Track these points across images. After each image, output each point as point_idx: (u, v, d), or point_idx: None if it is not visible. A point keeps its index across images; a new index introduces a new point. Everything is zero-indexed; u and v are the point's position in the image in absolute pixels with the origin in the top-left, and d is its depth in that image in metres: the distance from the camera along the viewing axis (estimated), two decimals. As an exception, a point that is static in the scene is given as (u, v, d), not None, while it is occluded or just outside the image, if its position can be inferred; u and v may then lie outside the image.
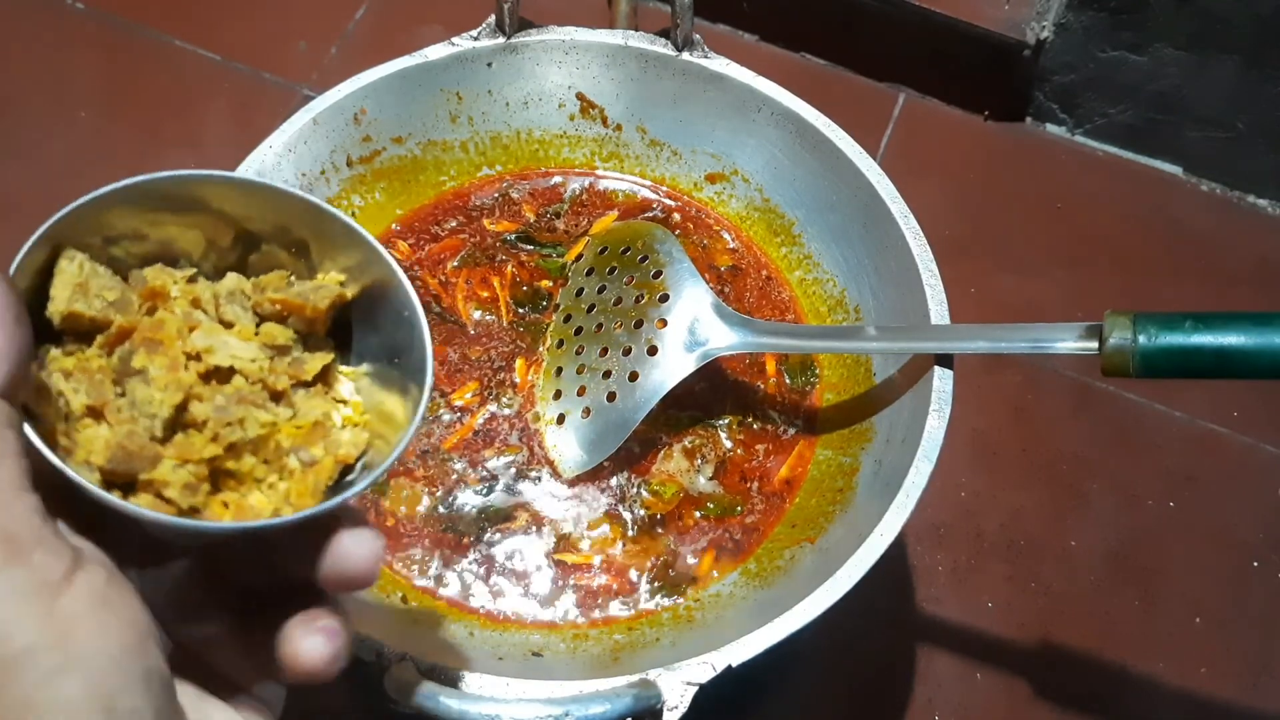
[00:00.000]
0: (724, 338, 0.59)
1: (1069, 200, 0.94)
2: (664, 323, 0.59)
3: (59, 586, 0.28)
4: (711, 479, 0.61)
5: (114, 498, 0.32)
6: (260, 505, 0.35)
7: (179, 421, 0.34)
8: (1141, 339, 0.50)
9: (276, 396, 0.37)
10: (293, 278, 0.39)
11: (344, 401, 0.39)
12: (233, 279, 0.38)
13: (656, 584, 0.58)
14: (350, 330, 0.40)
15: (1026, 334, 0.54)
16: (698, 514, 0.60)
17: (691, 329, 0.59)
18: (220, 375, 0.36)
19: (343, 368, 0.40)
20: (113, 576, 0.30)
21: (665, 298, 0.60)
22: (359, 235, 0.38)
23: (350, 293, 0.39)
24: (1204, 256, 0.91)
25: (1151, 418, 0.83)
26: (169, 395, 0.34)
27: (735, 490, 0.61)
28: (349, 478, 0.37)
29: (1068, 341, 0.52)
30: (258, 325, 0.38)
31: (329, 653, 0.34)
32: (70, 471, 0.31)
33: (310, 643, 0.34)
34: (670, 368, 0.58)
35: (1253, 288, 0.90)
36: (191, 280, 0.37)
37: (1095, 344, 0.51)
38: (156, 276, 0.36)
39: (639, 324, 0.60)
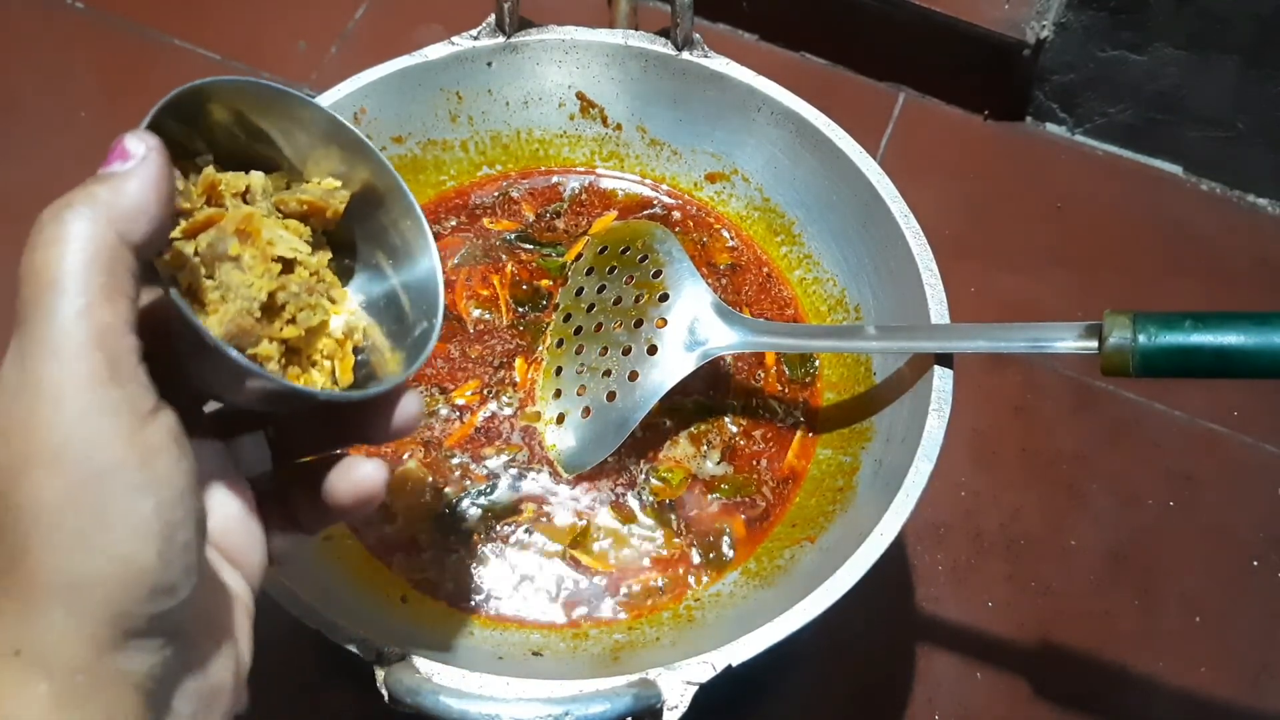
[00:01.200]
0: (724, 337, 0.59)
1: (1069, 200, 0.94)
2: (664, 322, 0.60)
3: (146, 418, 0.31)
4: (719, 463, 0.61)
5: (247, 359, 0.35)
6: (317, 381, 0.40)
7: (265, 306, 0.38)
8: (1141, 338, 0.50)
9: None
10: (289, 180, 0.42)
11: None
12: (260, 177, 0.40)
13: (710, 556, 0.58)
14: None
15: (1026, 333, 0.54)
16: (711, 496, 0.60)
17: (691, 328, 0.59)
18: (283, 266, 0.39)
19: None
20: (180, 424, 0.32)
21: (665, 297, 0.60)
22: (359, 142, 0.41)
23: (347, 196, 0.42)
24: (1204, 256, 0.91)
25: (1151, 417, 0.83)
26: (265, 282, 0.38)
27: (745, 471, 0.61)
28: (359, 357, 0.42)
29: (1067, 341, 0.52)
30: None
31: (383, 476, 0.40)
32: (208, 330, 0.34)
33: (370, 466, 0.40)
34: (670, 367, 0.58)
35: (1253, 287, 0.90)
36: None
37: (1095, 343, 0.51)
38: (210, 171, 0.39)
39: (639, 323, 0.60)
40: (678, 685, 0.47)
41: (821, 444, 0.62)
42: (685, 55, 0.67)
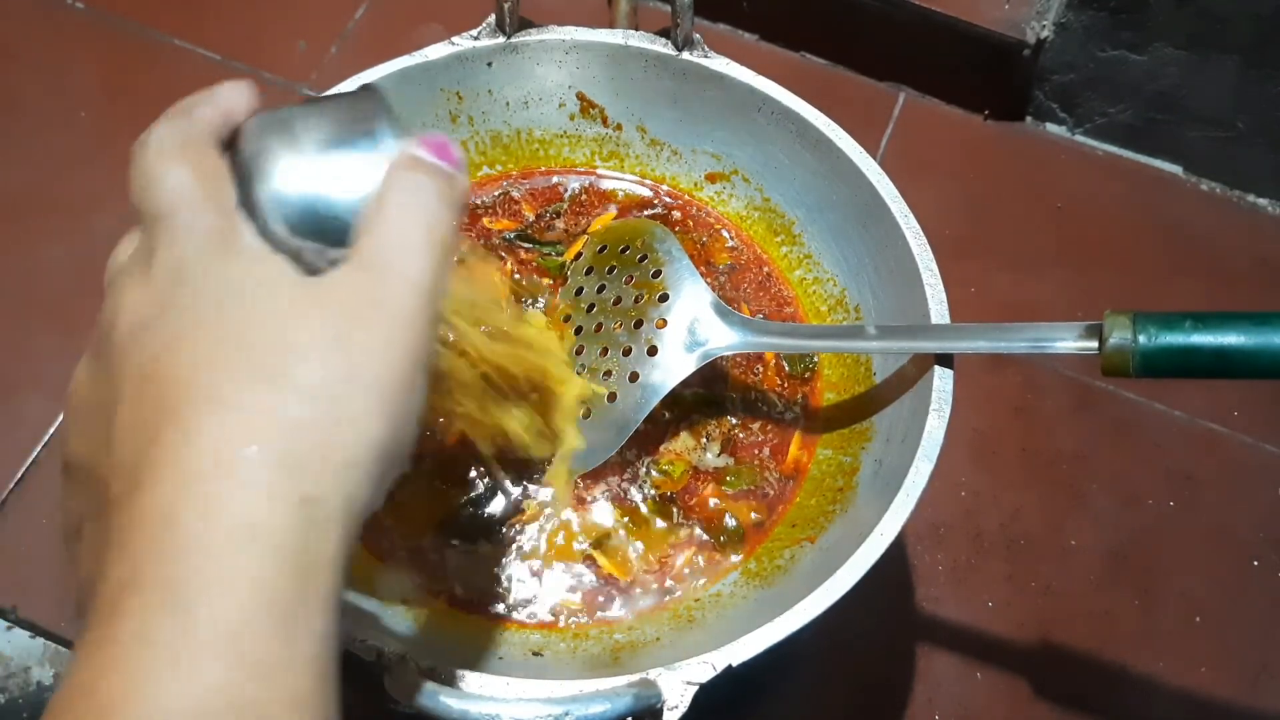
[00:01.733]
0: (724, 337, 0.59)
1: (1069, 200, 0.94)
2: (664, 322, 0.60)
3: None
4: (720, 455, 0.61)
5: None
6: None
7: None
8: (1141, 339, 0.50)
9: None
10: None
11: None
12: None
13: (721, 540, 0.59)
14: None
15: (1026, 334, 0.54)
16: (724, 489, 0.60)
17: (691, 328, 0.59)
18: None
19: None
20: None
21: (665, 297, 0.60)
22: None
23: None
24: (1204, 256, 0.91)
25: (1151, 417, 0.83)
26: None
27: (748, 461, 0.61)
28: None
29: (1067, 341, 0.52)
30: None
31: None
32: None
33: None
34: (670, 368, 0.58)
35: (1252, 287, 0.90)
36: None
37: (1095, 343, 0.51)
38: None
39: (639, 324, 0.60)
40: (678, 685, 0.47)
41: (821, 444, 0.62)
42: (685, 55, 0.67)
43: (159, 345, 0.32)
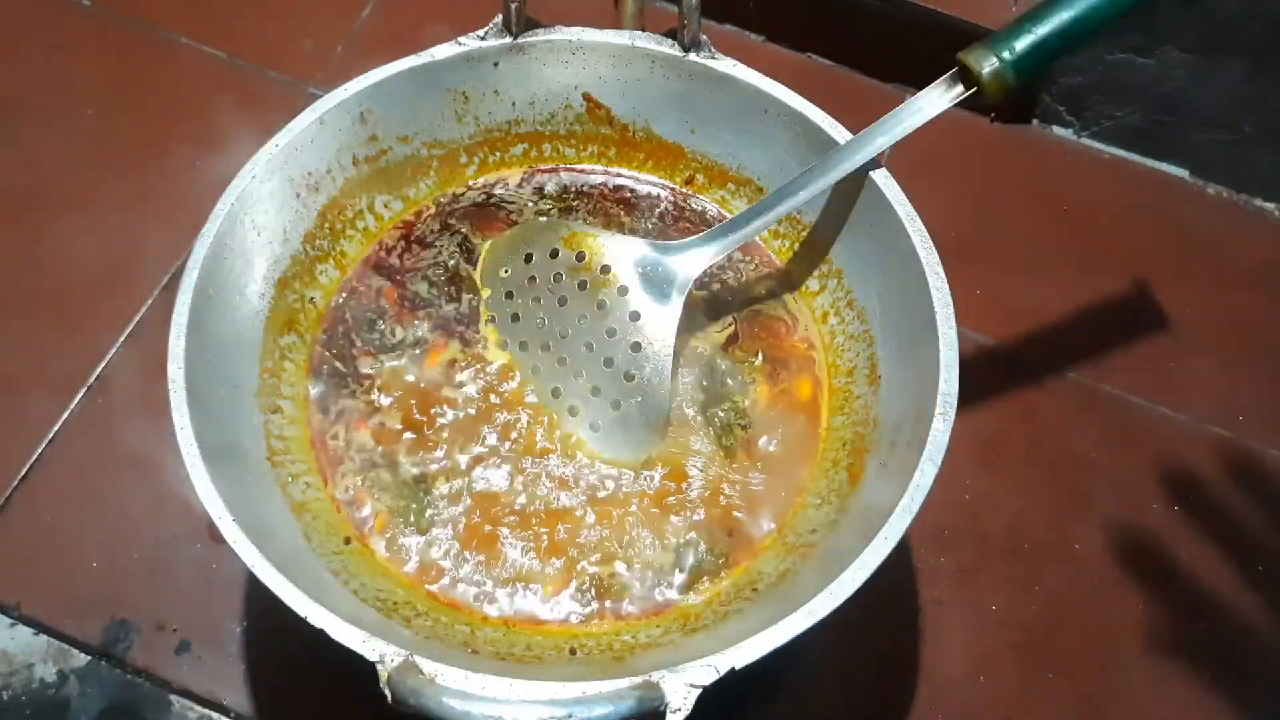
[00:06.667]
0: (682, 265, 0.60)
1: (1075, 202, 0.93)
2: (637, 315, 0.60)
3: None
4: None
5: None
6: None
7: None
8: (1005, 55, 0.56)
9: None
10: None
11: None
12: None
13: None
14: None
15: (907, 113, 0.59)
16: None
17: (650, 282, 0.60)
18: None
19: None
20: None
21: (606, 269, 0.61)
22: None
23: None
24: (1210, 259, 0.91)
25: (1156, 421, 0.83)
26: None
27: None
28: None
29: (942, 96, 0.58)
30: None
31: None
32: None
33: None
34: (657, 331, 0.60)
35: (1258, 290, 0.89)
36: None
37: (960, 87, 0.57)
38: None
39: (601, 305, 0.60)
40: (681, 688, 0.47)
41: (825, 446, 0.62)
42: (692, 57, 0.66)
43: None
